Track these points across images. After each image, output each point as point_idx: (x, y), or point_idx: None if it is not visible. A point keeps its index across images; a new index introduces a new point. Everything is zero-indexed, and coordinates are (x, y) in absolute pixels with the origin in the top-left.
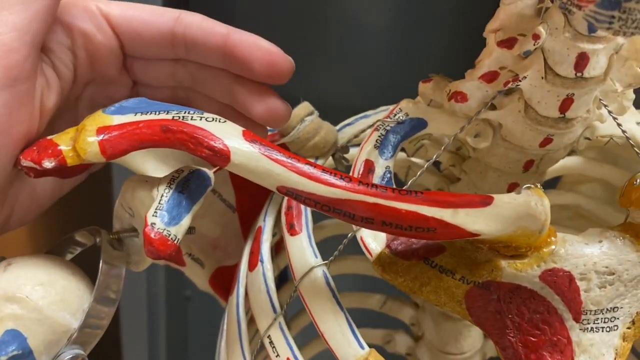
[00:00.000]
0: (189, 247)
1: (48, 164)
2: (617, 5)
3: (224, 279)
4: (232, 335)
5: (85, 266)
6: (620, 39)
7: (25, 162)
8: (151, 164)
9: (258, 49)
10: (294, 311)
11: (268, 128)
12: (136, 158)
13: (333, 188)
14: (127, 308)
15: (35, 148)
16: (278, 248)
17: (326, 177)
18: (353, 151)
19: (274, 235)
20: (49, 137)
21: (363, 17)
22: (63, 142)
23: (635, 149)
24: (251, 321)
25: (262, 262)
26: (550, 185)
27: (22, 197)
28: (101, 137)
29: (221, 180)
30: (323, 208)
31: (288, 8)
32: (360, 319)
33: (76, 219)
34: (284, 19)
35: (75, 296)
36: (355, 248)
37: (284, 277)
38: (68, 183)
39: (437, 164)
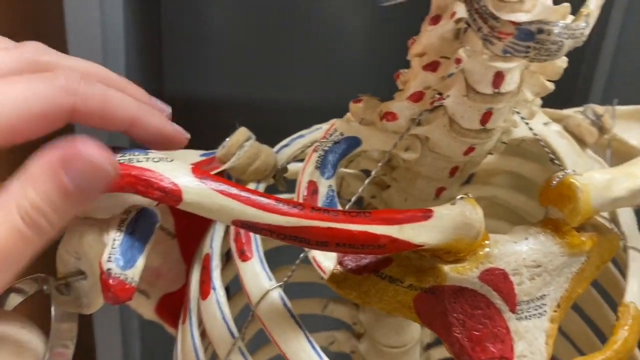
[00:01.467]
0: None
1: None
2: (531, 38)
3: (170, 306)
4: None
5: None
6: None
7: None
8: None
9: (161, 136)
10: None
11: (202, 152)
12: None
13: (288, 217)
14: (100, 319)
15: None
16: None
17: (280, 206)
18: (291, 167)
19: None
20: None
21: (342, 20)
22: None
23: (546, 148)
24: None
25: (214, 289)
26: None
27: None
28: None
29: (159, 209)
30: (279, 236)
31: (267, 10)
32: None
33: None
34: (263, 22)
35: (30, 349)
36: (291, 254)
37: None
38: None
39: (367, 172)
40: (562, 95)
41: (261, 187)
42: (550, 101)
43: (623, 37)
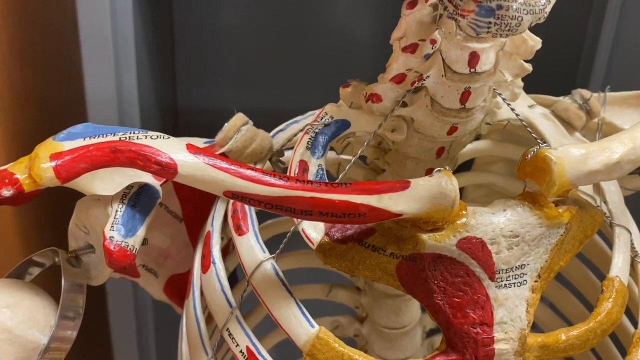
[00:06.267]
0: (142, 259)
1: (6, 192)
2: (492, 14)
3: (178, 286)
4: (193, 334)
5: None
6: (502, 38)
7: None
8: (99, 183)
9: None
10: (249, 307)
11: (206, 139)
12: (85, 179)
13: (274, 187)
14: (116, 315)
15: None
16: (225, 252)
17: (267, 178)
18: (287, 154)
19: (222, 239)
20: (1, 167)
21: (354, 29)
22: (18, 170)
23: (528, 128)
24: (208, 319)
25: (214, 263)
26: (466, 167)
27: None
28: (55, 162)
29: (166, 193)
30: (267, 206)
31: (281, 18)
32: (309, 310)
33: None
34: (277, 30)
35: (42, 314)
36: (298, 244)
37: (233, 279)
38: None
39: (363, 158)
40: (563, 84)
41: None
42: (551, 90)
43: (621, 25)
